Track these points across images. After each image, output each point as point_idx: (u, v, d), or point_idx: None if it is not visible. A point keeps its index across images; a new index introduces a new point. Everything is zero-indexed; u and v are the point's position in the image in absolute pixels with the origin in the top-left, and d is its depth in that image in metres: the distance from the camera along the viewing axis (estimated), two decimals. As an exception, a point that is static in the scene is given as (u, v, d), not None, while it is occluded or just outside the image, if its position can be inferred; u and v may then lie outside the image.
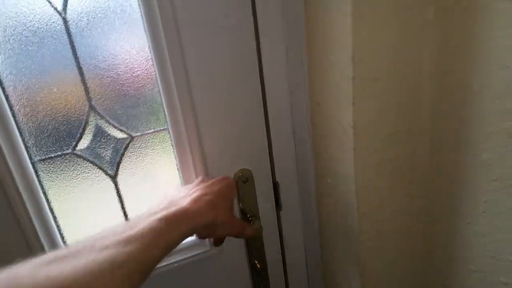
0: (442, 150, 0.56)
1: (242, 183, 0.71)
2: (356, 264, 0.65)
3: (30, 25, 0.53)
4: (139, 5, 0.56)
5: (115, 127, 0.63)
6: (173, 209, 0.48)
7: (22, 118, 0.58)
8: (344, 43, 0.50)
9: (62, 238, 0.66)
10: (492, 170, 0.47)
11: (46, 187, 0.63)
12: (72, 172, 0.63)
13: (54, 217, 0.65)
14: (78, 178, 0.64)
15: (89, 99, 0.60)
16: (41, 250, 0.62)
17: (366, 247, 0.63)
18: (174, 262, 0.71)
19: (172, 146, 0.65)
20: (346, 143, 0.57)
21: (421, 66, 0.53)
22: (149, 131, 0.65)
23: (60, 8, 0.54)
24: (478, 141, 0.48)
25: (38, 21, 0.54)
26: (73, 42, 0.56)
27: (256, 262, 0.78)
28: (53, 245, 0.64)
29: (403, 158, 0.59)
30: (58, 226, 0.65)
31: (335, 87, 0.56)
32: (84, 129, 0.61)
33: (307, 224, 0.80)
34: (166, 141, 0.66)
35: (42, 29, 0.54)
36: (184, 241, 0.71)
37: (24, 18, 0.53)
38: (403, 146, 0.58)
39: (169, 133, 0.64)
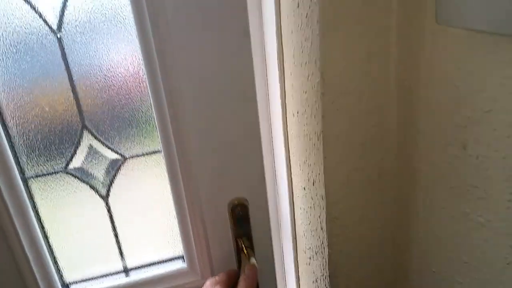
0: (406, 160, 0.59)
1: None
2: (325, 266, 0.66)
3: (24, 44, 0.53)
4: (134, 26, 0.54)
5: (108, 148, 0.61)
6: None
7: (15, 135, 0.57)
8: (314, 63, 0.53)
9: (52, 254, 0.65)
10: (450, 178, 0.52)
11: (38, 205, 0.62)
12: (63, 191, 0.62)
13: (45, 235, 0.64)
14: (69, 197, 0.63)
15: (82, 119, 0.59)
16: (29, 270, 0.62)
17: (335, 251, 0.64)
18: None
19: (166, 170, 0.63)
20: (318, 152, 0.59)
21: (386, 82, 0.57)
22: (142, 153, 0.63)
23: (55, 27, 0.53)
24: (436, 151, 0.52)
25: (33, 39, 0.53)
26: (67, 61, 0.55)
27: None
28: (42, 263, 0.63)
29: (371, 167, 0.62)
30: (48, 244, 0.64)
31: (307, 101, 0.58)
32: (76, 148, 0.60)
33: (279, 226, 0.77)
34: (160, 164, 0.64)
35: (36, 47, 0.53)
36: (175, 268, 0.70)
37: (18, 36, 0.52)
38: (371, 156, 0.61)
39: (163, 157, 0.62)
